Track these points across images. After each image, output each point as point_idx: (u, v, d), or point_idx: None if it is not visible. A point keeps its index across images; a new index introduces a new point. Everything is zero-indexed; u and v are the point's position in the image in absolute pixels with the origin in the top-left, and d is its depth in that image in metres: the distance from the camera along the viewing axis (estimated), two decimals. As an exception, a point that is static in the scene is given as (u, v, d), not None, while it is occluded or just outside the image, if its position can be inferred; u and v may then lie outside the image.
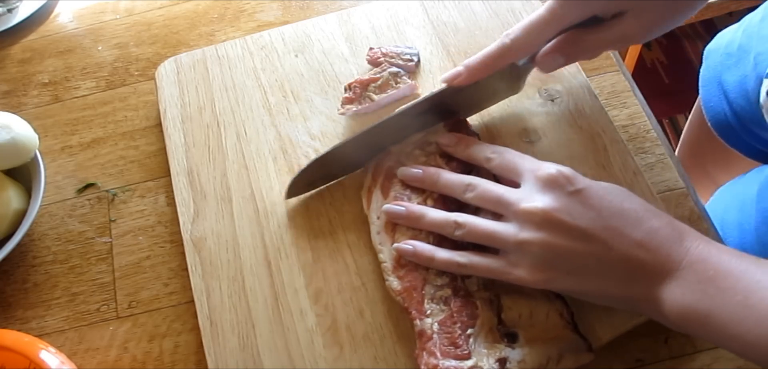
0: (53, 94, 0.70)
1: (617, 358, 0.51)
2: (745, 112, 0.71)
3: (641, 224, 0.46)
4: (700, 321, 0.43)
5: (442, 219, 0.51)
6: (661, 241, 0.45)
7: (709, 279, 0.43)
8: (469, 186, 0.51)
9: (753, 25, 0.72)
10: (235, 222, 0.57)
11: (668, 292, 0.44)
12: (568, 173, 0.48)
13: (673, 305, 0.44)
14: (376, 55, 0.63)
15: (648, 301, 0.45)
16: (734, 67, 0.73)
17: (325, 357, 0.50)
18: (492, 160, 0.52)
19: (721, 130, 0.76)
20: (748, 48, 0.71)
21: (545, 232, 0.47)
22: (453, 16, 0.68)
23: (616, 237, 0.46)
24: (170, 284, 0.57)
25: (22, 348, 0.49)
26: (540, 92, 0.62)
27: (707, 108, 0.77)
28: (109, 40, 0.74)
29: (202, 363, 0.52)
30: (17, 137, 0.58)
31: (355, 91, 0.61)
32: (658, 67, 1.72)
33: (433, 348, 0.48)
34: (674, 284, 0.44)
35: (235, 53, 0.67)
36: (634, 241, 0.46)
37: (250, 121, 0.62)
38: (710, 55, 0.79)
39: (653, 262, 0.45)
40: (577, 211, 0.47)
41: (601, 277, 0.46)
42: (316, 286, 0.53)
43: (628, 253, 0.45)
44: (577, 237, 0.46)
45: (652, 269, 0.45)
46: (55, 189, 0.63)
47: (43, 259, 0.59)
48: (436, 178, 0.53)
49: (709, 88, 0.77)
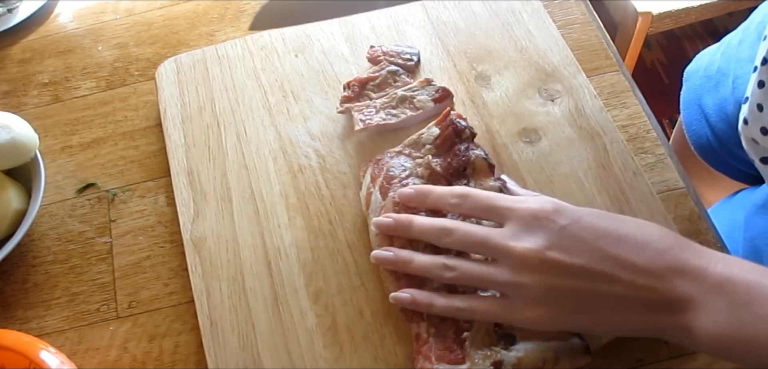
0: (53, 94, 0.70)
1: (617, 358, 0.51)
2: (726, 136, 0.71)
3: (644, 248, 0.44)
4: (739, 348, 0.42)
5: (430, 263, 0.49)
6: (669, 264, 0.43)
7: (742, 304, 0.41)
8: (444, 231, 0.49)
9: (731, 48, 0.72)
10: (235, 222, 0.57)
11: (696, 320, 0.42)
12: (550, 208, 0.46)
13: (705, 334, 0.42)
14: (376, 53, 0.63)
15: (673, 329, 0.43)
16: (714, 90, 0.72)
17: (325, 357, 0.50)
18: (461, 206, 0.50)
19: (704, 152, 0.76)
20: (727, 71, 0.70)
21: (544, 275, 0.45)
22: (453, 16, 0.68)
23: (619, 267, 0.44)
24: (170, 284, 0.57)
25: (22, 348, 0.48)
26: (540, 92, 0.62)
27: (689, 131, 0.77)
28: (109, 40, 0.74)
29: (202, 363, 0.52)
30: (17, 137, 0.58)
31: (353, 90, 0.61)
32: (658, 67, 1.72)
33: (429, 352, 0.48)
34: (702, 312, 0.42)
35: (235, 53, 0.67)
36: (640, 269, 0.43)
37: (250, 121, 0.62)
38: (690, 77, 0.78)
39: (668, 288, 0.43)
40: (573, 246, 0.45)
41: (614, 311, 0.44)
42: (316, 286, 0.53)
43: (636, 282, 0.43)
44: (577, 275, 0.44)
45: (669, 296, 0.43)
46: (55, 189, 0.63)
47: (43, 259, 0.59)
48: (409, 226, 0.50)
49: (690, 111, 0.77)
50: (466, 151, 0.54)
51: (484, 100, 0.62)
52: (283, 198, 0.58)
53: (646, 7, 1.30)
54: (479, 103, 0.62)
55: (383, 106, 0.60)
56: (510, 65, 0.64)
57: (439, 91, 0.60)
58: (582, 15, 0.70)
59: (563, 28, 0.68)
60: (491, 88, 0.63)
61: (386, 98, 0.60)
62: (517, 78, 0.63)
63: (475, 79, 0.63)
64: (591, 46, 0.67)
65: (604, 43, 0.68)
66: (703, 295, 0.42)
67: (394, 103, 0.60)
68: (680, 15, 1.33)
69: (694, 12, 1.33)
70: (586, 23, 0.69)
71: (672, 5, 1.31)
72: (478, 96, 0.62)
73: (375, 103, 0.60)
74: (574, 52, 0.65)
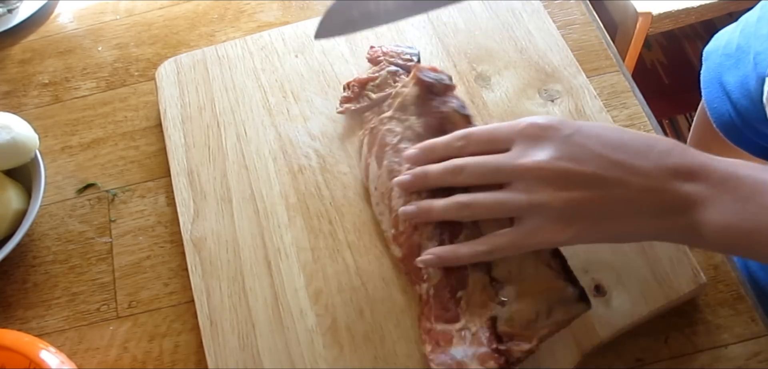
0: (53, 94, 0.70)
1: (617, 358, 0.51)
2: (749, 112, 0.71)
3: (648, 153, 0.45)
4: (745, 240, 0.43)
5: (446, 205, 0.49)
6: (675, 164, 0.44)
7: (746, 197, 0.42)
8: (455, 169, 0.49)
9: (750, 25, 0.72)
10: (235, 222, 0.57)
11: (704, 216, 0.43)
12: (553, 121, 0.47)
13: (712, 229, 0.43)
14: (376, 53, 0.63)
15: (683, 229, 0.44)
16: (734, 68, 0.73)
17: (325, 357, 0.50)
18: (466, 147, 0.50)
19: (727, 130, 0.76)
20: (747, 48, 0.70)
21: (558, 188, 0.45)
22: (453, 16, 0.68)
23: (629, 171, 0.44)
24: (170, 284, 0.57)
25: (22, 348, 0.48)
26: (540, 92, 0.62)
27: (711, 109, 0.77)
28: (109, 41, 0.74)
29: (202, 363, 0.52)
30: (17, 137, 0.58)
31: (353, 91, 0.61)
32: (658, 67, 1.72)
33: (429, 312, 0.49)
34: (709, 207, 0.43)
35: (235, 53, 0.67)
36: (648, 172, 0.44)
37: (250, 121, 0.62)
38: (709, 57, 0.79)
39: (676, 189, 0.44)
40: (581, 154, 0.45)
41: (629, 216, 0.45)
42: (316, 286, 0.53)
43: (648, 184, 0.44)
44: (590, 183, 0.45)
45: (678, 196, 0.44)
46: (55, 189, 0.63)
47: (43, 259, 0.59)
48: (425, 176, 0.51)
49: (712, 90, 0.77)
50: (440, 106, 0.55)
51: (484, 100, 0.62)
52: (283, 198, 0.58)
53: (646, 7, 1.30)
54: (479, 104, 0.62)
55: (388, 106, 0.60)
56: (510, 65, 0.64)
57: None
58: (582, 15, 0.70)
59: (563, 29, 0.68)
60: (491, 88, 0.63)
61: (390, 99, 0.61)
62: (517, 78, 0.63)
63: (475, 80, 0.63)
64: (591, 47, 0.67)
65: (604, 43, 0.68)
66: (709, 190, 0.43)
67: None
68: (680, 15, 1.33)
69: (694, 12, 1.33)
70: (586, 23, 0.69)
71: (672, 5, 1.31)
72: (478, 96, 0.62)
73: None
74: (574, 52, 0.65)
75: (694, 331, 0.52)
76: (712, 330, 0.52)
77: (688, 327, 0.52)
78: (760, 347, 0.51)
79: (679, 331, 0.52)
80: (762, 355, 0.50)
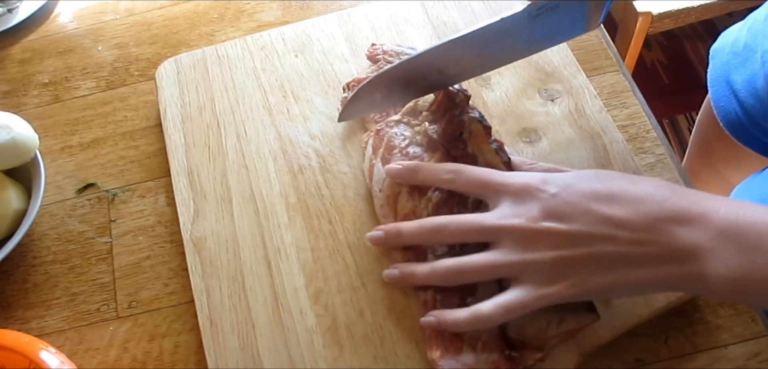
0: (53, 94, 0.70)
1: (617, 358, 0.51)
2: (756, 111, 0.71)
3: (640, 203, 0.44)
4: (755, 289, 0.41)
5: (436, 271, 0.48)
6: (669, 214, 0.43)
7: (753, 245, 0.41)
8: (435, 229, 0.49)
9: (758, 23, 0.72)
10: (235, 222, 0.57)
11: (709, 268, 0.42)
12: (539, 179, 0.47)
13: (720, 280, 0.42)
14: (376, 50, 0.63)
15: (687, 280, 0.43)
16: (742, 66, 0.72)
17: (325, 357, 0.50)
18: (455, 181, 0.50)
19: (733, 129, 0.76)
20: (755, 46, 0.70)
21: (546, 247, 0.45)
22: (453, 16, 0.68)
23: (616, 225, 0.44)
24: (170, 284, 0.57)
25: (22, 348, 0.48)
26: (540, 92, 0.62)
27: (718, 108, 0.77)
28: (109, 40, 0.74)
29: (202, 363, 0.52)
30: (17, 137, 0.58)
31: (353, 91, 0.61)
32: (658, 67, 1.72)
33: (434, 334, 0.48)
34: (713, 258, 0.42)
35: (235, 53, 0.67)
36: (638, 225, 0.43)
37: (250, 121, 0.62)
38: (716, 55, 0.79)
39: (671, 240, 0.42)
40: (567, 212, 0.45)
41: (621, 269, 0.44)
42: (316, 286, 0.53)
43: (636, 238, 0.43)
44: (577, 241, 0.44)
45: (675, 246, 0.42)
46: (55, 189, 0.63)
47: (43, 259, 0.59)
48: (398, 235, 0.51)
49: (718, 88, 0.77)
50: (461, 116, 0.54)
51: (484, 100, 0.62)
52: (283, 198, 0.58)
53: (646, 7, 1.30)
54: (479, 103, 0.62)
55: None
56: (510, 65, 0.64)
57: None
58: (582, 15, 0.70)
59: (563, 28, 0.68)
60: (491, 88, 0.63)
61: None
62: (517, 78, 0.63)
63: (474, 79, 0.63)
64: (591, 46, 0.67)
65: (604, 43, 0.68)
66: (710, 241, 0.42)
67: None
68: (680, 15, 1.33)
69: (694, 12, 1.33)
70: (586, 23, 0.69)
71: (672, 5, 1.31)
72: (478, 96, 0.62)
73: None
74: (574, 52, 0.65)
75: (694, 331, 0.52)
76: (712, 330, 0.52)
77: (688, 327, 0.52)
78: (760, 347, 0.51)
79: (679, 331, 0.52)
80: (762, 356, 0.50)
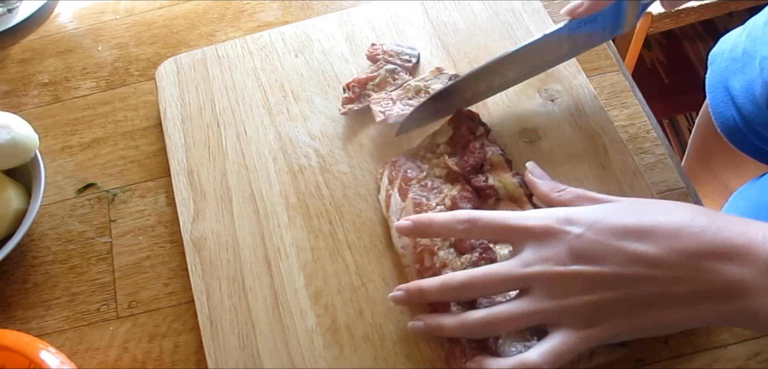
0: (53, 94, 0.70)
1: (617, 359, 0.51)
2: (754, 117, 0.71)
3: (676, 237, 0.41)
4: None
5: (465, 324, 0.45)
6: (709, 248, 0.40)
7: None
8: (460, 286, 0.45)
9: (757, 29, 0.71)
10: (235, 222, 0.57)
11: (759, 304, 0.39)
12: (562, 217, 0.43)
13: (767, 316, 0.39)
14: (376, 50, 0.64)
15: (736, 316, 0.41)
16: (740, 72, 0.72)
17: (325, 357, 0.50)
18: (471, 231, 0.47)
19: (731, 135, 0.76)
20: (754, 52, 0.70)
21: (580, 291, 0.42)
22: (453, 16, 0.68)
23: (652, 264, 0.40)
24: (170, 284, 0.57)
25: (22, 348, 0.49)
26: (540, 92, 0.62)
27: (716, 113, 0.77)
28: (109, 40, 0.74)
29: (202, 363, 0.52)
30: (17, 137, 0.58)
31: (353, 91, 0.61)
32: (658, 67, 1.72)
33: (462, 352, 0.46)
34: (761, 294, 0.39)
35: (235, 53, 0.67)
36: (676, 263, 0.40)
37: (250, 121, 0.62)
38: (715, 60, 0.78)
39: (714, 277, 0.40)
40: (594, 253, 0.41)
41: (668, 308, 0.41)
42: (316, 286, 0.53)
43: (676, 275, 0.40)
44: (611, 284, 0.41)
45: (719, 283, 0.40)
46: (55, 189, 0.63)
47: (43, 259, 0.59)
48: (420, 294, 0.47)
49: (717, 94, 0.77)
50: (482, 148, 0.55)
51: (484, 100, 0.62)
52: (283, 198, 0.58)
53: (646, 7, 1.29)
54: (479, 104, 0.62)
55: (399, 98, 0.60)
56: (510, 65, 0.64)
57: (451, 78, 0.61)
58: (582, 15, 0.69)
59: (563, 28, 0.68)
60: (491, 88, 0.63)
61: (401, 90, 0.61)
62: (517, 78, 0.63)
63: (475, 79, 0.63)
64: (591, 46, 0.67)
65: (604, 42, 0.68)
66: (758, 276, 0.39)
67: (411, 93, 0.60)
68: (680, 15, 1.33)
69: (694, 12, 1.33)
70: (586, 23, 0.69)
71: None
72: (478, 96, 0.62)
73: (391, 95, 0.61)
74: (574, 52, 0.65)
75: (694, 331, 0.51)
76: (712, 330, 0.51)
77: (688, 327, 0.52)
78: (759, 347, 0.51)
79: (679, 331, 0.52)
80: (762, 355, 0.50)
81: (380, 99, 0.60)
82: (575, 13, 0.54)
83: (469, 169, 0.54)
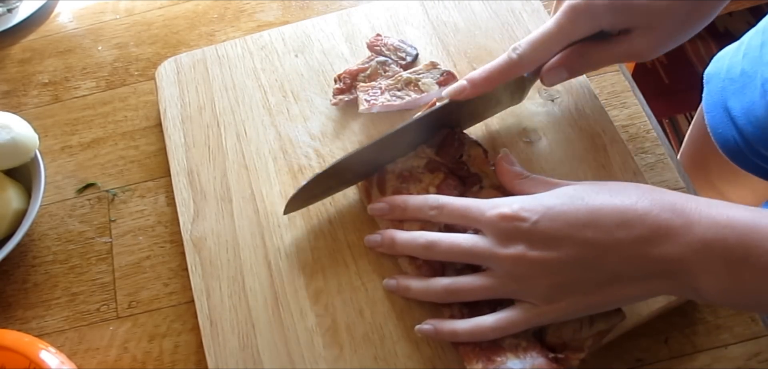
0: (53, 94, 0.70)
1: (617, 358, 0.51)
2: (756, 138, 0.71)
3: (623, 220, 0.44)
4: (747, 300, 0.43)
5: (430, 290, 0.50)
6: (652, 230, 0.43)
7: (739, 259, 0.41)
8: (428, 244, 0.50)
9: (754, 49, 0.71)
10: (235, 222, 0.57)
11: (699, 280, 0.42)
12: (517, 207, 0.46)
13: (712, 291, 0.43)
14: (377, 41, 0.64)
15: (681, 289, 0.44)
16: (740, 93, 0.72)
17: (325, 357, 0.50)
18: (439, 216, 0.51)
19: (732, 155, 0.75)
20: (753, 74, 0.70)
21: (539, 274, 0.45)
22: (453, 16, 0.68)
23: (601, 248, 0.44)
24: (170, 284, 0.57)
25: (22, 348, 0.49)
26: (540, 92, 0.62)
27: (715, 134, 0.76)
28: (109, 40, 0.74)
29: (202, 363, 0.52)
30: (17, 137, 0.58)
31: (345, 82, 0.62)
32: (658, 67, 1.72)
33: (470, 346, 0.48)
34: (701, 272, 0.42)
35: (235, 53, 0.67)
36: (622, 242, 0.43)
37: (250, 121, 0.62)
38: (711, 80, 0.78)
39: (657, 256, 0.43)
40: (548, 239, 0.45)
41: (616, 284, 0.44)
42: (316, 286, 0.53)
43: (622, 256, 0.43)
44: (566, 266, 0.45)
45: (662, 261, 0.43)
46: (55, 189, 0.63)
47: (43, 259, 0.59)
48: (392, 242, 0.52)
49: (715, 114, 0.76)
50: (461, 143, 0.56)
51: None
52: (283, 198, 0.58)
53: (646, 7, 1.29)
54: (479, 103, 0.62)
55: (388, 88, 0.60)
56: (510, 65, 0.64)
57: (443, 74, 0.61)
58: (582, 15, 0.69)
59: (563, 28, 0.68)
60: (491, 88, 0.63)
61: (392, 81, 0.61)
62: (517, 78, 0.63)
63: (475, 79, 0.63)
64: (591, 46, 0.67)
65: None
66: (694, 255, 0.42)
67: (400, 85, 0.61)
68: (680, 15, 1.33)
69: (694, 12, 1.33)
70: (586, 23, 0.69)
71: (672, 5, 1.31)
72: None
73: (380, 85, 0.61)
74: (574, 52, 0.65)
75: (694, 331, 0.52)
76: (712, 330, 0.52)
77: (688, 327, 0.52)
78: (760, 347, 0.51)
79: (679, 331, 0.52)
80: (762, 355, 0.50)
81: (368, 88, 0.60)
82: (457, 98, 0.54)
83: (449, 159, 0.55)
